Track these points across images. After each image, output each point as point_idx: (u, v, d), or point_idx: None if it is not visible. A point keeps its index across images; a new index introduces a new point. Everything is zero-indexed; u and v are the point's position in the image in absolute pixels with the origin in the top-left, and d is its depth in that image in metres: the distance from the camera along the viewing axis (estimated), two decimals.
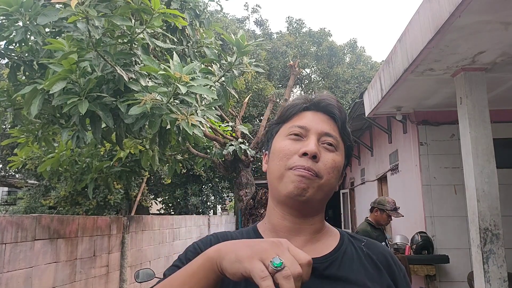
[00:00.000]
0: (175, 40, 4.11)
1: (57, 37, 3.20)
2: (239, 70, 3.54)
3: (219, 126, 5.24)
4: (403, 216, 4.29)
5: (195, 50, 4.36)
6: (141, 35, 2.96)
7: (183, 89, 2.64)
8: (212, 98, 3.23)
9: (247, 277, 0.55)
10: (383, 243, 3.60)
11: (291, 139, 0.83)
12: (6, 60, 3.39)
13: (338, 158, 0.84)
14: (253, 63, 3.60)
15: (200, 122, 3.00)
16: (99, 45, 2.76)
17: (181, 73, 2.66)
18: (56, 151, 4.57)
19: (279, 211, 0.85)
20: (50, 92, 2.65)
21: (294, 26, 22.61)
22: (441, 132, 5.91)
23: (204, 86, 2.84)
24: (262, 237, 0.85)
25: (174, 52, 2.98)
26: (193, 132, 2.94)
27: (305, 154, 0.79)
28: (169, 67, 2.74)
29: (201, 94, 3.17)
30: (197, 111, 3.07)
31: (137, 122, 2.89)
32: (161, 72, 2.75)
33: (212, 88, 3.17)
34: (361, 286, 0.78)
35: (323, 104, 0.87)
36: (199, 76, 2.93)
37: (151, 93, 2.77)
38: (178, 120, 2.78)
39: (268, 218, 0.88)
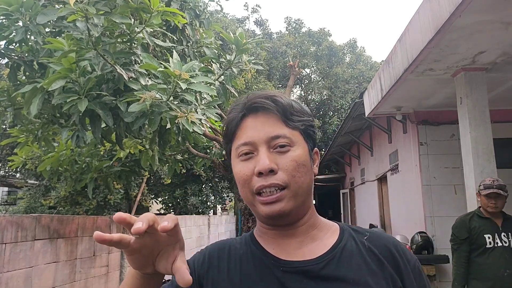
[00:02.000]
0: (175, 39, 4.11)
1: (57, 37, 3.20)
2: (238, 68, 3.54)
3: (219, 126, 5.24)
4: (501, 192, 3.28)
5: (195, 50, 4.36)
6: (141, 34, 2.96)
7: (182, 86, 2.64)
8: (211, 96, 3.23)
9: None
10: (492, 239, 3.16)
11: (243, 160, 0.79)
12: (6, 60, 3.39)
13: (297, 153, 0.78)
14: (252, 61, 3.60)
15: (200, 120, 3.00)
16: (98, 44, 2.76)
17: (181, 71, 2.66)
18: (56, 150, 4.57)
19: (266, 225, 0.84)
20: (50, 89, 2.64)
21: (293, 26, 22.62)
22: (441, 132, 5.91)
23: (203, 83, 2.84)
24: (257, 242, 0.84)
25: (173, 51, 2.98)
26: (193, 132, 2.94)
27: (260, 173, 0.75)
28: (169, 66, 2.74)
29: (200, 93, 3.17)
30: (197, 110, 3.07)
31: (137, 121, 2.89)
32: (160, 69, 2.75)
33: (211, 86, 3.17)
34: (361, 284, 0.75)
35: (256, 106, 0.80)
36: (198, 75, 2.93)
37: (150, 91, 2.77)
38: (178, 118, 2.78)
39: (258, 227, 0.87)
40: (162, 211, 14.92)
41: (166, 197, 13.93)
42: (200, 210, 14.12)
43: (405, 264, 0.81)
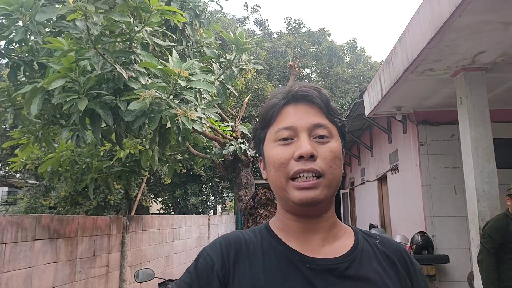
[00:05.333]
0: (175, 38, 4.11)
1: (57, 37, 3.20)
2: (238, 67, 3.54)
3: (219, 126, 5.24)
4: None
5: (195, 50, 4.36)
6: (140, 34, 2.96)
7: (182, 84, 2.64)
8: (211, 95, 3.23)
9: None
10: None
11: (281, 144, 0.79)
12: (6, 60, 3.39)
13: (335, 146, 0.80)
14: (252, 61, 3.60)
15: (200, 118, 3.00)
16: (98, 43, 2.76)
17: (180, 69, 2.67)
18: (56, 151, 4.57)
19: (291, 215, 0.82)
20: (49, 89, 2.64)
21: (293, 26, 22.62)
22: (441, 132, 5.92)
23: (203, 81, 2.84)
24: (277, 236, 0.82)
25: (173, 49, 2.98)
26: (193, 131, 2.94)
27: (301, 157, 0.76)
28: (168, 64, 2.75)
29: (200, 93, 3.17)
30: (197, 109, 3.07)
31: (137, 120, 2.89)
32: (159, 67, 2.75)
33: (211, 84, 3.17)
34: (381, 285, 0.77)
35: (301, 94, 0.82)
36: (197, 73, 2.93)
37: (150, 90, 2.77)
38: (178, 116, 2.78)
39: (280, 219, 0.85)
40: (162, 211, 14.93)
41: (166, 197, 13.93)
42: (200, 210, 14.12)
43: (414, 268, 0.85)
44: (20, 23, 3.06)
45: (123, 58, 3.01)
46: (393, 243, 0.88)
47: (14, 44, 3.31)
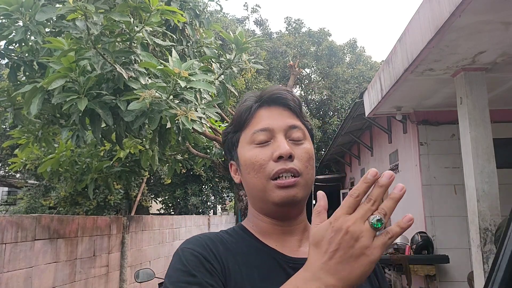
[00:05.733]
0: (175, 38, 4.11)
1: (57, 37, 3.20)
2: (238, 67, 3.54)
3: (219, 126, 5.24)
4: None
5: (195, 50, 4.36)
6: (140, 33, 2.96)
7: (182, 84, 2.64)
8: (211, 95, 3.23)
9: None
10: None
11: (258, 146, 0.79)
12: (6, 60, 3.39)
13: (309, 147, 0.82)
14: (252, 60, 3.60)
15: (200, 118, 3.00)
16: (98, 43, 2.76)
17: (180, 69, 2.67)
18: (56, 151, 4.57)
19: (267, 218, 0.82)
20: (49, 89, 2.64)
21: (293, 26, 22.63)
22: (441, 132, 5.91)
23: (203, 81, 2.84)
24: (258, 239, 0.81)
25: (173, 49, 2.98)
26: (193, 131, 2.94)
27: (280, 157, 0.76)
28: (168, 64, 2.75)
29: (200, 92, 3.17)
30: (197, 109, 3.07)
31: (137, 120, 2.89)
32: (159, 67, 2.75)
33: (211, 84, 3.17)
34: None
35: (274, 97, 0.83)
36: (197, 73, 2.93)
37: (150, 90, 2.77)
38: (178, 116, 2.78)
39: (254, 222, 0.84)
40: (162, 211, 14.93)
41: (166, 197, 13.93)
42: (200, 210, 14.12)
43: (378, 267, 0.89)
44: (20, 23, 3.06)
45: (123, 58, 3.01)
46: None
47: (14, 44, 3.31)
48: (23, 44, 3.29)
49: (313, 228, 0.61)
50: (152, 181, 12.63)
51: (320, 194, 0.67)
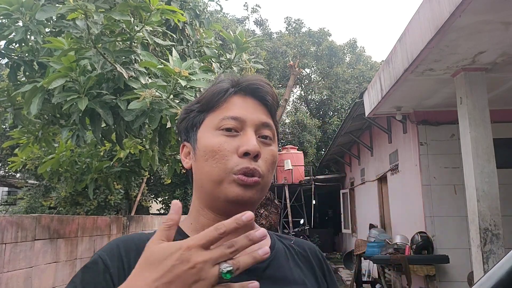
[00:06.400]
0: (175, 38, 4.11)
1: (57, 37, 3.20)
2: (238, 67, 3.54)
3: None
4: None
5: (195, 50, 4.37)
6: (140, 33, 2.97)
7: (182, 83, 2.64)
8: None
9: None
10: None
11: (225, 134, 0.72)
12: (6, 60, 3.39)
13: (275, 151, 0.76)
14: (252, 60, 3.61)
15: None
16: (98, 42, 2.76)
17: (180, 69, 2.67)
18: (56, 152, 4.57)
19: (212, 214, 0.76)
20: (49, 88, 2.64)
21: (293, 26, 22.65)
22: (441, 132, 5.92)
23: (203, 80, 2.84)
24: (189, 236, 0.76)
25: (173, 49, 2.98)
26: None
27: (246, 154, 0.70)
28: (168, 64, 2.75)
29: (201, 92, 3.17)
30: None
31: (137, 119, 2.89)
32: (160, 66, 2.75)
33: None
34: (300, 284, 0.76)
35: (253, 87, 0.76)
36: (197, 73, 2.93)
37: (150, 89, 2.77)
38: (178, 115, 2.78)
39: (196, 219, 0.78)
40: (162, 211, 14.94)
41: (166, 197, 13.94)
42: None
43: (327, 267, 0.86)
44: (20, 23, 3.06)
45: (123, 57, 3.01)
46: (306, 243, 0.87)
47: (14, 44, 3.31)
48: (23, 44, 3.29)
49: (154, 244, 0.54)
50: (152, 181, 12.64)
51: (176, 205, 0.58)
